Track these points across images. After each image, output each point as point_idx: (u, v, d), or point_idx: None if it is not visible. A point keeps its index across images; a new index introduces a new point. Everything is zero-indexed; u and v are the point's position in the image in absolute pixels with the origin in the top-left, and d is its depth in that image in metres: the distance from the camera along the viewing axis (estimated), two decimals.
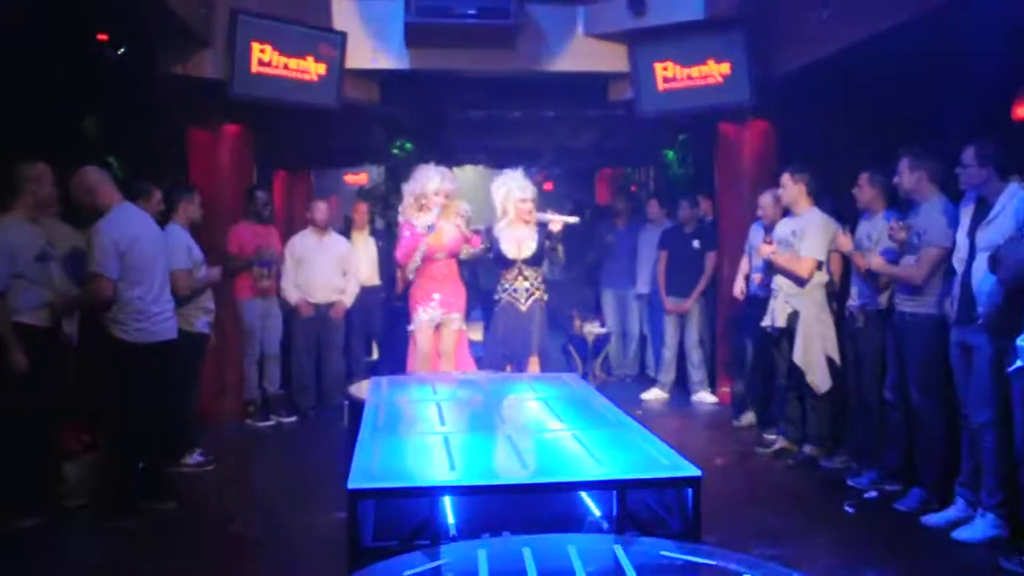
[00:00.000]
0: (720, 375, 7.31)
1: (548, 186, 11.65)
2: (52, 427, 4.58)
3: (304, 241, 6.89)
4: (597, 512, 3.10)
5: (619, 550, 2.38)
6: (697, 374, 7.36)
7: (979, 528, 4.00)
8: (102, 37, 5.55)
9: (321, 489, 4.88)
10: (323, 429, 6.40)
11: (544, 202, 6.00)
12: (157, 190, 5.20)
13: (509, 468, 2.92)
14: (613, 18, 6.65)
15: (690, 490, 2.87)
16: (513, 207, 5.62)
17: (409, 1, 6.19)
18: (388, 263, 7.47)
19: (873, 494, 4.73)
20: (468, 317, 6.07)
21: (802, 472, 5.28)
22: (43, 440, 4.46)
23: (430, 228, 5.61)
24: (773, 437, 5.80)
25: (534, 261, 5.68)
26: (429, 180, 5.70)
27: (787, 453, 5.52)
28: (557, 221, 5.60)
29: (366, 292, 7.22)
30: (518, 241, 5.62)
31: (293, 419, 6.73)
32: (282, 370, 6.86)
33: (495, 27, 6.33)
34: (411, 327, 5.81)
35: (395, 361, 6.47)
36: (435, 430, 3.36)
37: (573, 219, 5.72)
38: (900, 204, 4.80)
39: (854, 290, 5.01)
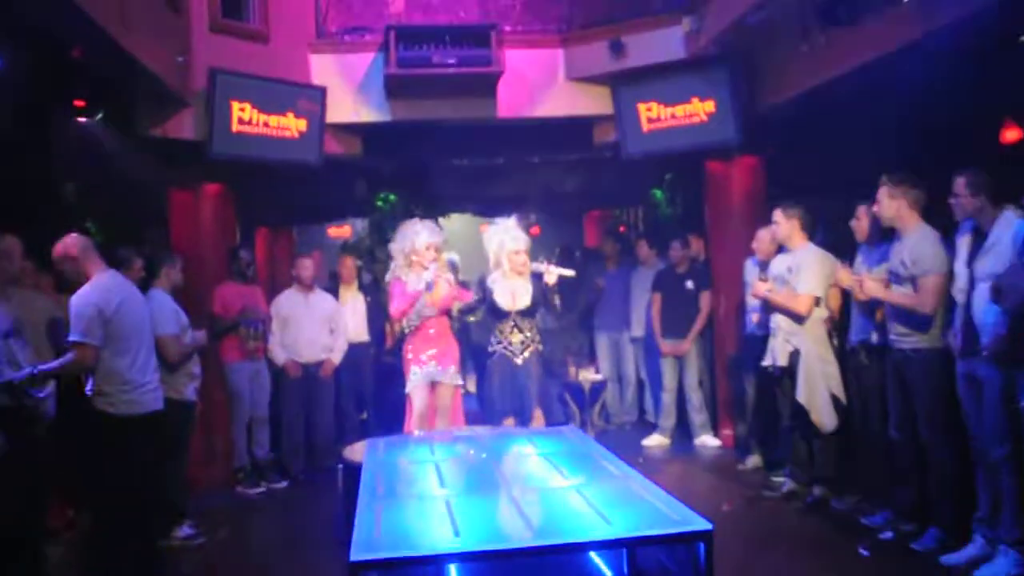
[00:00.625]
0: (722, 417, 7.28)
1: (535, 231, 11.68)
2: (36, 507, 4.48)
3: (290, 300, 6.86)
4: (608, 572, 3.05)
5: None
6: (698, 417, 7.31)
7: (1001, 566, 3.95)
8: (79, 103, 5.57)
9: (318, 559, 4.80)
10: (316, 494, 6.29)
11: (533, 247, 6.00)
12: (139, 259, 5.18)
13: (514, 530, 2.87)
14: (594, 61, 6.74)
15: (702, 544, 2.83)
16: (507, 259, 5.62)
17: (389, 53, 6.28)
18: (377, 318, 7.44)
19: (888, 535, 4.68)
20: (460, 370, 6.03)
21: (813, 515, 5.23)
22: (26, 521, 4.35)
23: (428, 286, 5.59)
24: (781, 480, 5.76)
25: (529, 312, 5.66)
26: (418, 235, 5.70)
27: (796, 495, 5.48)
28: (552, 273, 5.58)
29: (354, 349, 7.18)
30: (512, 292, 5.61)
31: (284, 484, 6.63)
32: (271, 433, 6.77)
33: (476, 75, 6.41)
34: (407, 388, 5.76)
35: (388, 420, 6.41)
36: (436, 493, 3.31)
37: (569, 272, 5.68)
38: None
39: (855, 325, 5.01)
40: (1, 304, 4.28)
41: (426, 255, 5.64)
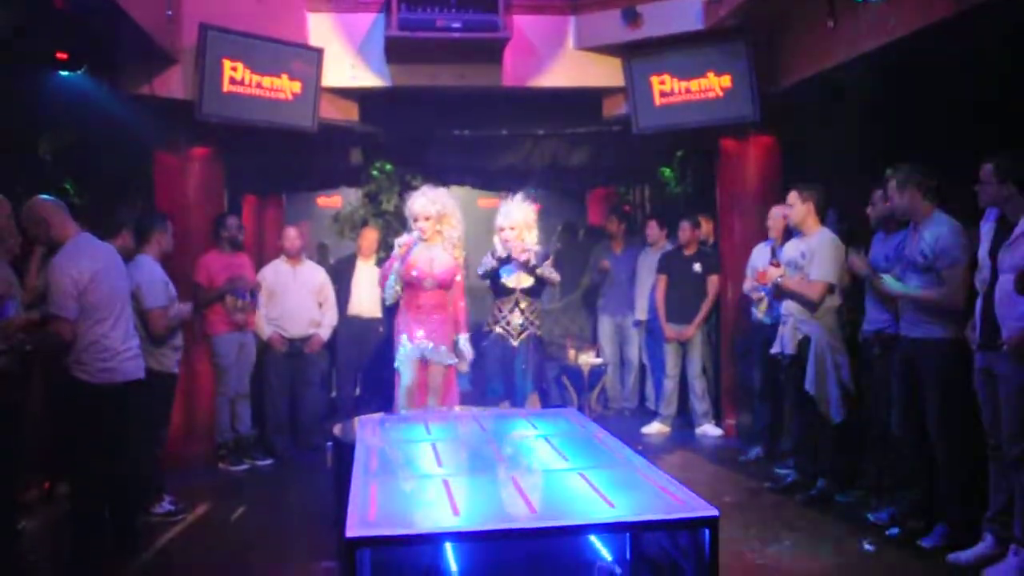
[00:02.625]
0: (725, 406, 7.37)
1: (535, 207, 11.71)
2: (9, 479, 4.53)
3: (277, 271, 6.90)
4: (608, 556, 3.12)
5: None
6: (701, 406, 7.40)
7: (1012, 566, 4.02)
8: (62, 55, 5.56)
9: (304, 537, 4.88)
10: (302, 472, 6.38)
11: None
12: (128, 230, 5.20)
13: (514, 511, 2.93)
14: (606, 30, 6.76)
15: (707, 531, 2.89)
16: (497, 236, 5.69)
17: (390, 15, 6.27)
18: None
19: (894, 530, 4.76)
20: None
21: (817, 508, 5.31)
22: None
23: (403, 247, 5.61)
24: (785, 471, 5.85)
25: (533, 292, 5.72)
26: (412, 205, 5.73)
27: (800, 488, 5.56)
28: (525, 251, 5.64)
29: (363, 324, 7.24)
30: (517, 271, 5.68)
31: (269, 462, 6.70)
32: (252, 409, 6.83)
33: (482, 41, 6.42)
34: (395, 363, 5.80)
35: (381, 397, 6.46)
36: (433, 472, 3.37)
37: (534, 247, 5.74)
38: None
39: (868, 315, 5.08)
40: None
41: (415, 226, 5.67)
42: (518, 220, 5.70)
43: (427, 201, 5.71)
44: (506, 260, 5.71)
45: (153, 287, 5.18)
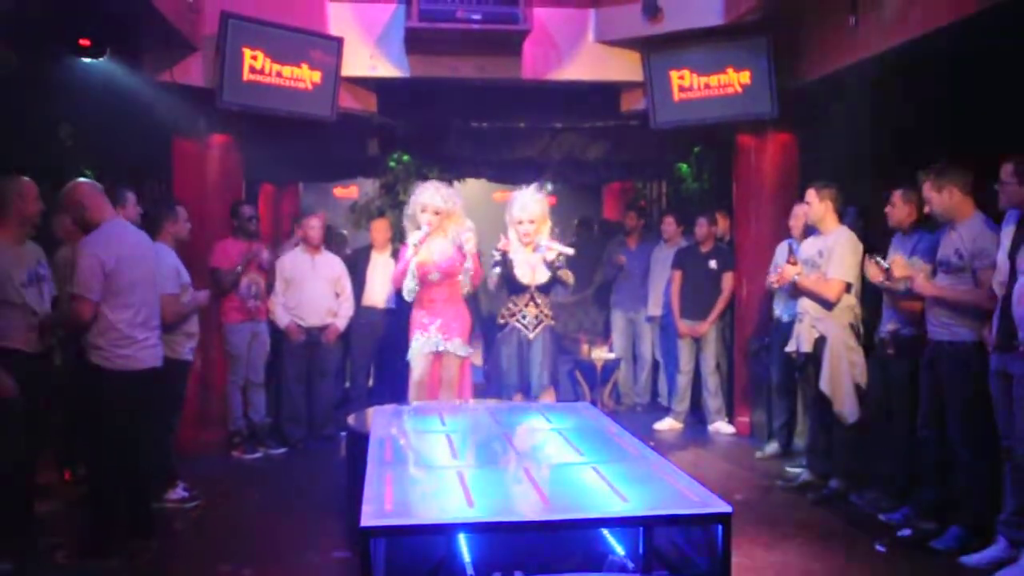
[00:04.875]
0: (738, 403, 7.36)
1: (551, 200, 11.72)
2: (27, 462, 4.57)
3: (295, 260, 6.93)
4: (620, 550, 3.14)
5: None
6: (714, 403, 7.40)
7: None
8: (84, 42, 5.61)
9: (317, 526, 4.90)
10: (316, 462, 6.42)
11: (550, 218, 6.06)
12: (131, 193, 5.20)
13: (528, 504, 2.95)
14: (626, 23, 6.73)
15: (720, 527, 2.91)
16: (513, 229, 5.69)
17: (411, 5, 6.28)
18: None
19: (907, 532, 4.74)
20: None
21: (829, 507, 5.30)
22: (14, 475, 4.45)
23: (415, 247, 5.64)
24: (797, 470, 5.84)
25: (547, 288, 5.73)
26: (419, 196, 5.75)
27: (812, 487, 5.56)
28: (552, 250, 5.65)
29: (378, 315, 7.28)
30: (532, 266, 5.68)
31: (282, 451, 6.74)
32: (268, 398, 6.87)
33: (502, 33, 6.42)
34: (408, 355, 5.83)
35: (395, 388, 6.50)
36: (448, 464, 3.39)
37: (569, 250, 5.75)
38: (932, 224, 4.85)
39: (885, 316, 5.06)
40: (19, 249, 4.34)
41: (422, 216, 5.69)
42: (536, 213, 5.70)
43: (434, 193, 5.73)
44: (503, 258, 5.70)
45: (163, 274, 5.21)
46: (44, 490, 5.12)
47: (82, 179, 4.52)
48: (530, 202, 5.72)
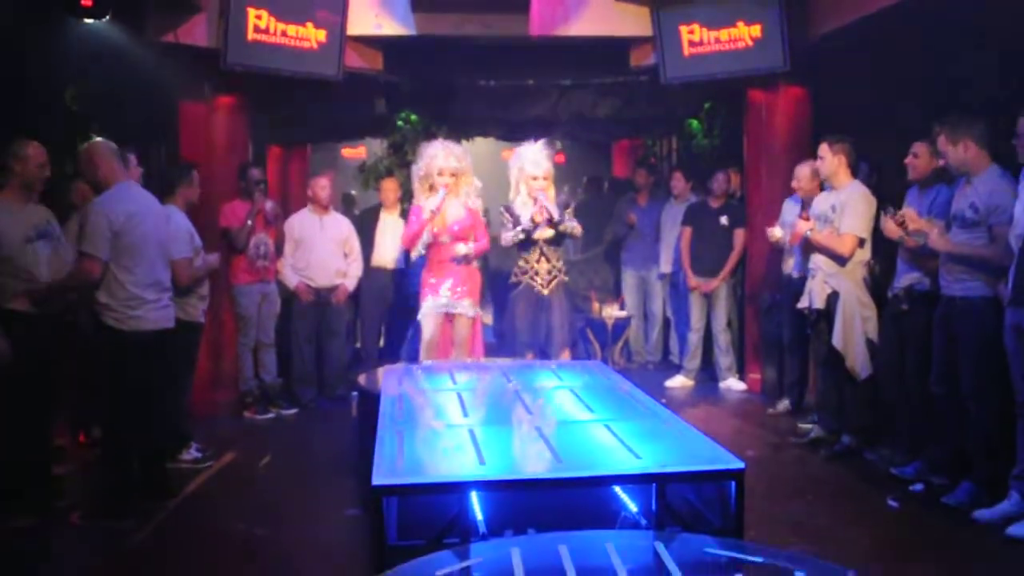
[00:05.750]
0: (749, 360, 7.34)
1: (560, 159, 11.64)
2: (43, 421, 4.61)
3: (304, 221, 6.91)
4: (633, 507, 3.13)
5: (660, 547, 2.41)
6: (725, 360, 7.38)
7: None
8: (86, 3, 5.54)
9: (329, 485, 4.92)
10: (327, 421, 6.44)
11: (557, 176, 6.02)
12: (132, 155, 5.19)
13: (541, 462, 2.95)
14: None
15: (732, 483, 2.90)
16: (525, 184, 5.66)
17: None
18: None
19: (918, 487, 4.73)
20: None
21: (841, 463, 5.30)
22: (34, 434, 4.49)
23: (433, 213, 5.64)
24: (809, 426, 5.83)
25: (556, 241, 5.70)
26: (433, 159, 5.72)
27: (824, 443, 5.55)
28: (541, 210, 5.66)
29: (387, 275, 7.26)
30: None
31: (293, 411, 6.77)
32: (279, 359, 6.88)
33: None
34: (419, 316, 5.84)
35: (406, 348, 6.50)
36: (459, 422, 3.39)
37: (572, 224, 5.77)
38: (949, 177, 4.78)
39: (899, 270, 5.01)
40: (22, 209, 4.36)
41: (439, 179, 5.67)
42: (549, 170, 5.70)
43: (447, 155, 5.72)
44: (532, 228, 5.68)
45: (177, 238, 5.19)
46: (59, 452, 5.17)
47: (99, 139, 4.51)
48: (542, 159, 5.71)
